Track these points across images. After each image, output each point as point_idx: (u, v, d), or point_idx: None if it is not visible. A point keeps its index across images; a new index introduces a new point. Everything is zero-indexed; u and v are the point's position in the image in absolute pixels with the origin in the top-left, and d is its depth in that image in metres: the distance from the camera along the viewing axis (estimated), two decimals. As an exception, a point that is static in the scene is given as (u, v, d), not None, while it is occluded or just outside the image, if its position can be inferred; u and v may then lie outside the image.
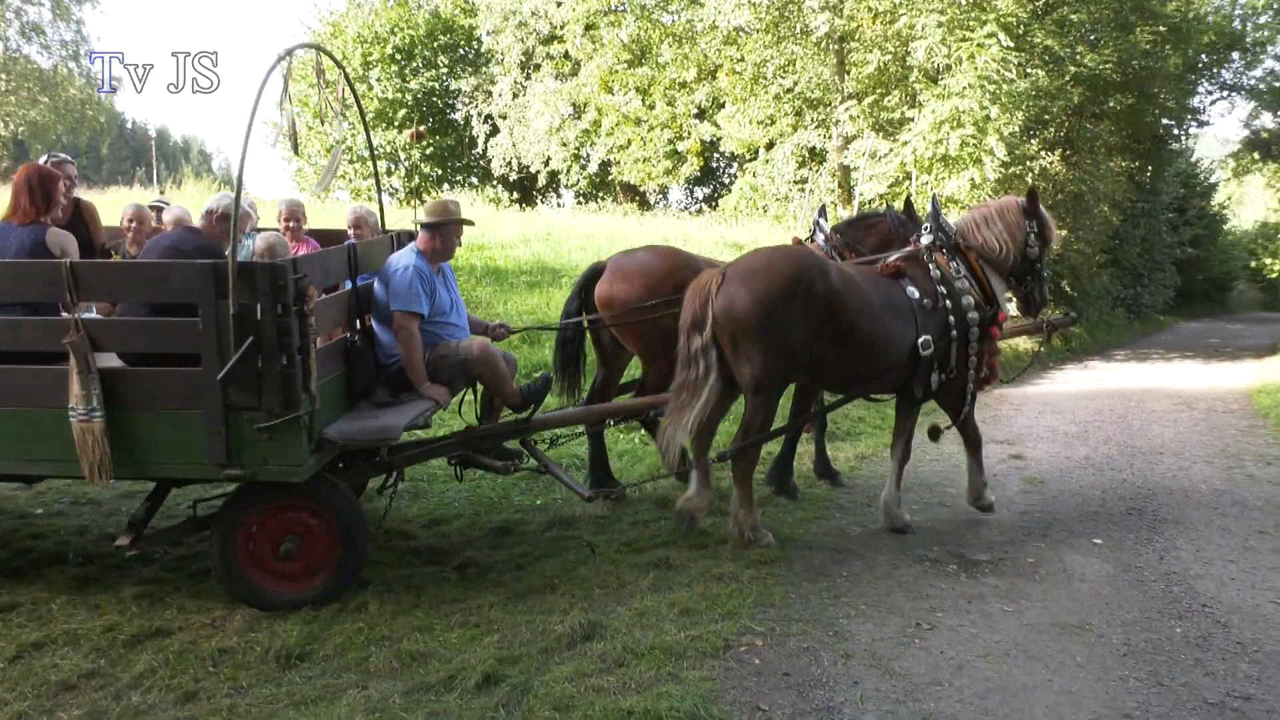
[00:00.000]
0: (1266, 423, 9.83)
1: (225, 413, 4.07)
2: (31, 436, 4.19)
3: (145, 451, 4.20)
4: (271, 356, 4.04)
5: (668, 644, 3.89)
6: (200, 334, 4.05)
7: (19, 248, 4.38)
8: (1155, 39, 16.51)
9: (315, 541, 4.42)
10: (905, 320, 5.23)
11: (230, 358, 3.97)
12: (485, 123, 25.77)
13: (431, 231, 5.08)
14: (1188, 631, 4.25)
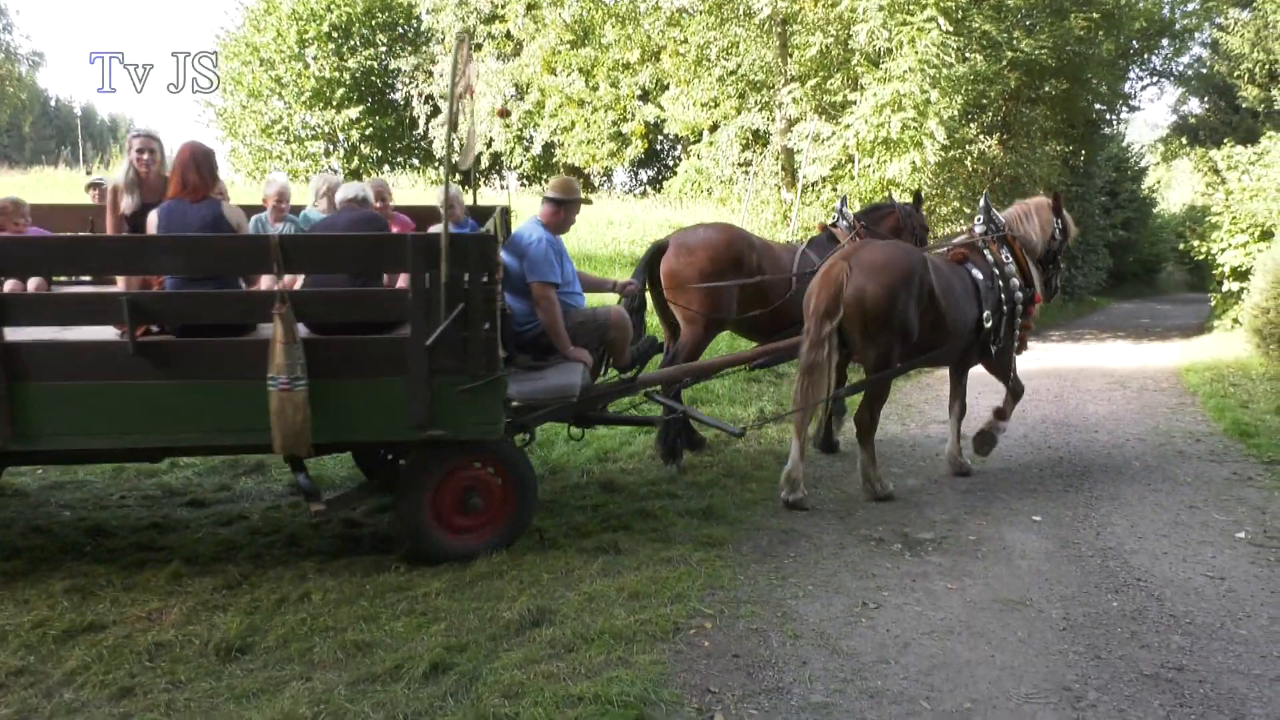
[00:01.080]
0: (1195, 400, 10.15)
1: (429, 377, 4.32)
2: (226, 409, 4.27)
3: (344, 417, 4.37)
4: (477, 322, 4.34)
5: (617, 628, 3.87)
6: (410, 303, 4.29)
7: (201, 223, 4.45)
8: (1089, 25, 16.84)
9: (493, 496, 4.79)
10: (973, 299, 6.14)
11: (438, 325, 4.26)
12: (426, 103, 25.36)
13: (557, 206, 5.37)
14: (1123, 605, 4.36)
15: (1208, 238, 17.94)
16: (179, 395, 4.25)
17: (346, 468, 6.35)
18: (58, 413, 4.18)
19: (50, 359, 4.18)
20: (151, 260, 4.32)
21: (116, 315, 4.16)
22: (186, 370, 4.25)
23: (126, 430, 4.28)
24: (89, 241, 4.73)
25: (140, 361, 4.17)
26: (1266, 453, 7.40)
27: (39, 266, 4.67)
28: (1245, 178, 16.32)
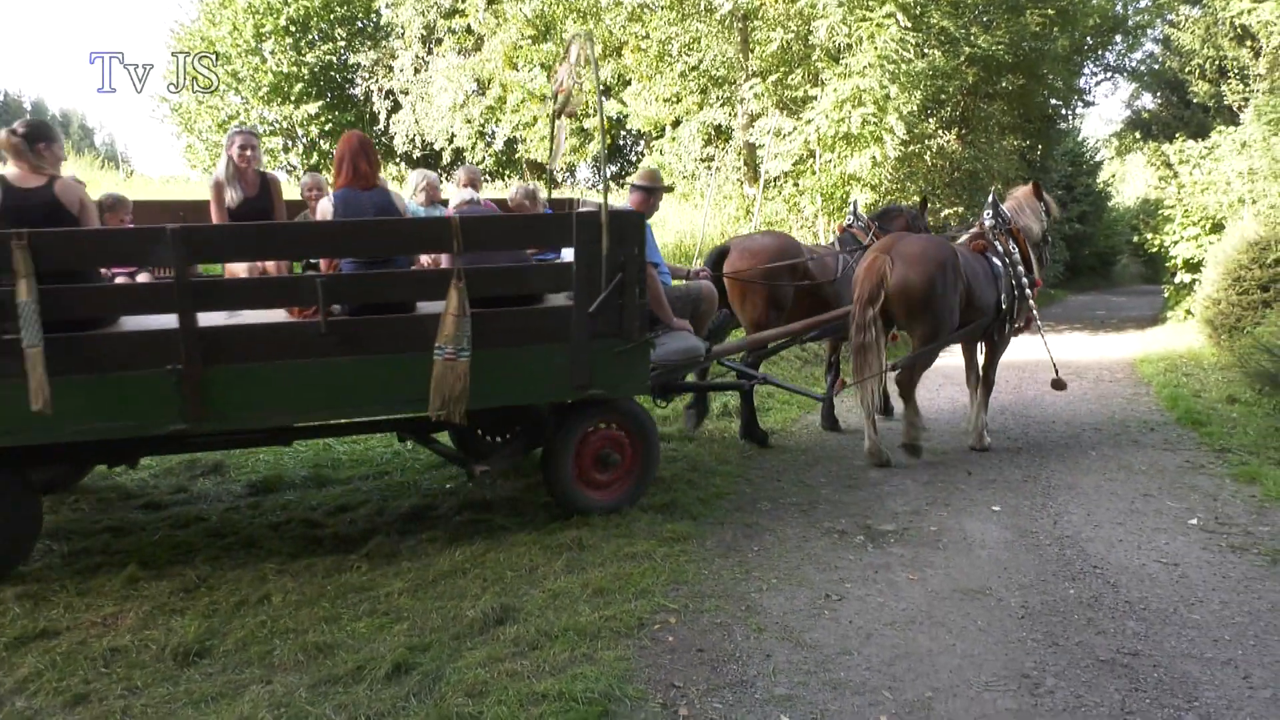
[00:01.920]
0: (1149, 390, 10.35)
1: (590, 341, 4.82)
2: (394, 380, 4.57)
3: (510, 383, 4.77)
4: (632, 290, 4.86)
5: (581, 625, 3.87)
6: (573, 275, 4.73)
7: (376, 209, 4.80)
8: (1044, 22, 17.09)
9: (625, 453, 5.31)
10: (993, 285, 6.99)
11: (599, 294, 4.78)
12: (386, 98, 25.11)
13: (646, 193, 5.95)
14: (1080, 592, 4.44)
15: (1161, 231, 18.29)
16: (360, 370, 4.51)
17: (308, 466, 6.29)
18: (245, 393, 4.36)
19: (242, 341, 4.37)
20: (343, 243, 4.60)
21: (310, 297, 4.38)
22: (367, 346, 4.51)
23: (310, 407, 4.58)
24: (281, 228, 4.95)
25: (328, 340, 4.42)
26: (1218, 441, 7.57)
27: (235, 252, 4.73)
28: (1196, 172, 16.66)
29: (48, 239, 4.01)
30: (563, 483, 5.18)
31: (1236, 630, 4.02)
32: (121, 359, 4.19)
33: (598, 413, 5.19)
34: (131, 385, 4.21)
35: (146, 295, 4.57)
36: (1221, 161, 15.59)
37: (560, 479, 5.17)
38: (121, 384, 4.19)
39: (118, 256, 4.64)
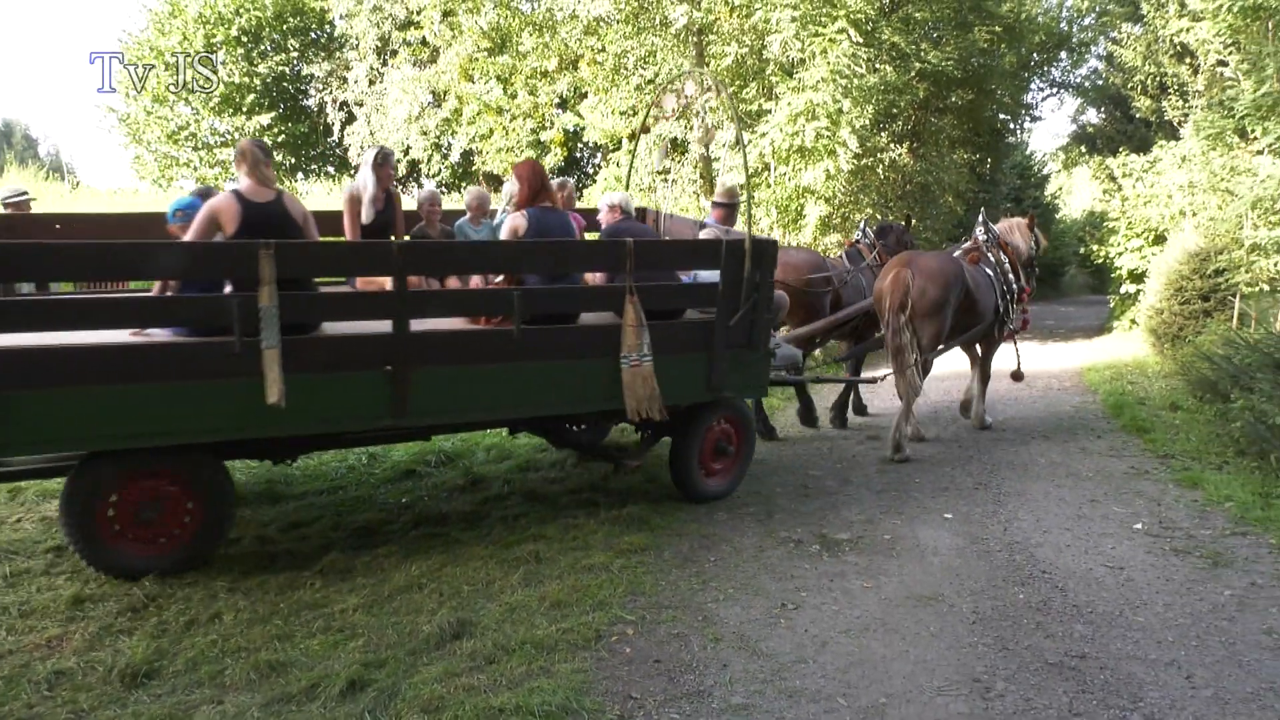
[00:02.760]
0: (1096, 398, 10.58)
1: (727, 350, 5.56)
2: (582, 383, 5.21)
3: (667, 385, 5.34)
4: (763, 308, 5.63)
5: (539, 638, 3.86)
6: (719, 293, 5.46)
7: (562, 229, 5.40)
8: (992, 38, 17.45)
9: (734, 444, 6.08)
10: (991, 291, 8.09)
11: (737, 311, 5.52)
12: (341, 110, 24.89)
13: (728, 210, 6.90)
14: (1029, 597, 4.52)
15: (1106, 242, 18.73)
16: (541, 374, 5.09)
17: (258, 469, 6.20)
18: (445, 393, 4.87)
19: (445, 346, 4.89)
20: (540, 261, 5.22)
21: (507, 308, 4.91)
22: (549, 352, 5.09)
23: (498, 406, 5.12)
24: (488, 247, 5.52)
25: (518, 347, 4.94)
26: (1161, 447, 7.77)
27: (448, 267, 5.40)
28: (1139, 185, 17.08)
29: (287, 249, 4.35)
30: (691, 472, 5.90)
31: (1179, 631, 4.13)
32: (344, 360, 4.63)
33: (718, 410, 5.93)
34: (350, 384, 4.65)
35: (369, 303, 4.94)
36: (1163, 175, 16.00)
37: (689, 468, 5.88)
38: (342, 382, 4.63)
39: (343, 266, 5.11)
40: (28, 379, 4.02)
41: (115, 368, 4.18)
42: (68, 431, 4.16)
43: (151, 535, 4.54)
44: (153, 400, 4.25)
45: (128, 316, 4.46)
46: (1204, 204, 13.65)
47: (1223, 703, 3.50)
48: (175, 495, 4.56)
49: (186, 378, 4.30)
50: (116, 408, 4.18)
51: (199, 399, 4.33)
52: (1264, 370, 7.65)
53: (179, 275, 4.46)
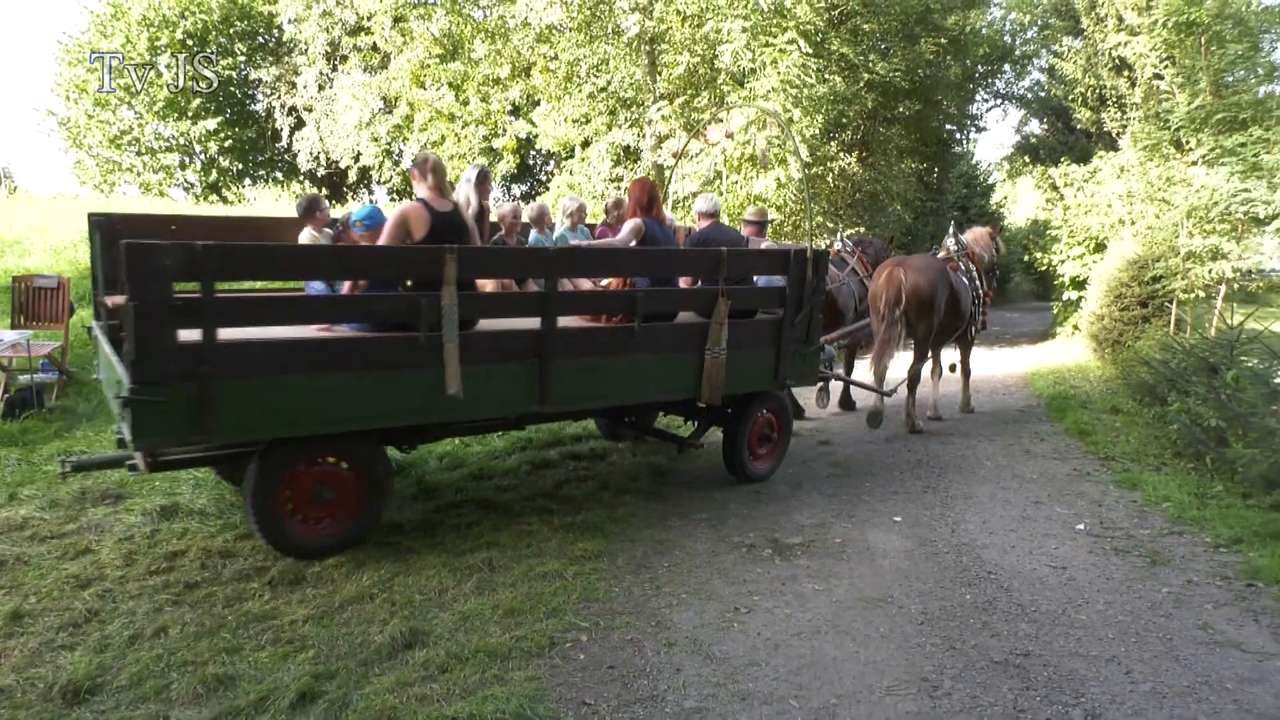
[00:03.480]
0: (1040, 402, 10.82)
1: (789, 346, 6.41)
2: (675, 373, 5.89)
3: (742, 375, 6.19)
4: (816, 309, 6.57)
5: (492, 646, 3.85)
6: (787, 295, 6.32)
7: (667, 239, 6.31)
8: (938, 50, 17.78)
9: (776, 432, 6.90)
10: (967, 294, 9.08)
11: (798, 312, 6.42)
12: (289, 115, 24.58)
13: (759, 227, 7.84)
14: (976, 597, 4.62)
15: (1049, 250, 19.16)
16: (651, 365, 5.74)
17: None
18: (577, 382, 5.42)
19: (580, 341, 5.45)
20: (657, 266, 6.04)
21: (629, 308, 5.57)
22: (657, 346, 5.75)
23: (616, 393, 5.74)
24: (616, 254, 5.98)
25: (636, 341, 5.59)
26: (1102, 449, 7.97)
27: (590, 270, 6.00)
28: (1080, 194, 17.51)
29: (465, 253, 4.83)
30: (742, 456, 6.67)
31: (1119, 628, 4.25)
32: (503, 353, 5.15)
33: (765, 401, 6.69)
34: (506, 374, 5.16)
35: (525, 302, 5.42)
36: (1102, 185, 16.43)
37: (740, 453, 6.64)
38: (500, 373, 5.13)
39: (508, 270, 5.74)
40: (242, 368, 4.38)
41: (319, 359, 4.59)
42: (271, 417, 4.50)
43: (323, 516, 4.96)
44: (347, 389, 4.66)
45: (329, 313, 5.01)
46: (1142, 213, 14.04)
47: (1160, 696, 3.61)
48: (345, 479, 5.00)
49: (377, 369, 4.73)
50: (317, 396, 4.58)
51: (385, 388, 4.76)
52: (1199, 374, 7.89)
53: (386, 275, 4.88)
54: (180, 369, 4.22)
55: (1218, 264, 11.13)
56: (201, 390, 4.26)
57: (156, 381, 4.18)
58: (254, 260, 4.66)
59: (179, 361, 4.22)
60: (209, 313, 4.27)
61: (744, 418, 6.62)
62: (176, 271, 4.19)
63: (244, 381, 4.38)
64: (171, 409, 4.22)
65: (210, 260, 4.25)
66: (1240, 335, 7.59)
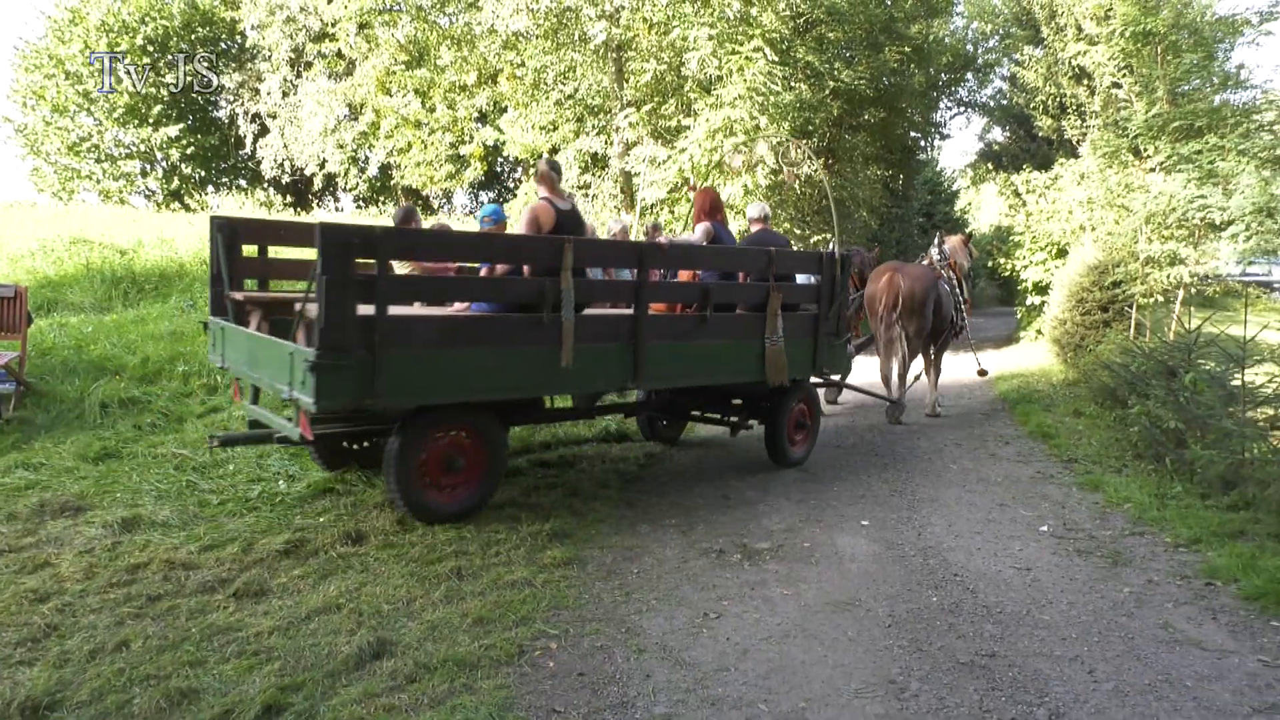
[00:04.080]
0: (1005, 406, 10.95)
1: (824, 337, 7.37)
2: (740, 358, 6.77)
3: (791, 363, 7.07)
4: (844, 305, 7.55)
5: (461, 655, 3.83)
6: (820, 292, 7.31)
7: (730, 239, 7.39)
8: (902, 58, 18.01)
9: (808, 420, 7.79)
10: (951, 300, 10.01)
11: (829, 308, 7.37)
12: (253, 122, 24.33)
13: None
14: (942, 600, 4.66)
15: (1012, 256, 19.43)
16: (715, 349, 6.57)
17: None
18: (661, 362, 6.17)
19: (665, 325, 6.23)
20: (729, 261, 6.96)
21: (698, 298, 6.50)
22: (724, 333, 6.59)
23: (691, 373, 6.53)
24: (699, 249, 6.78)
25: (710, 327, 6.44)
26: (1065, 452, 8.09)
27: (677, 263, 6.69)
28: (1042, 201, 17.79)
29: (580, 244, 5.60)
30: (782, 442, 7.43)
31: (1082, 628, 4.31)
32: (605, 333, 5.89)
33: (798, 394, 7.52)
34: (608, 353, 5.90)
35: (624, 290, 6.41)
36: (1063, 191, 16.70)
37: (781, 440, 7.42)
38: (602, 352, 5.86)
39: (611, 259, 6.67)
40: (404, 340, 4.99)
41: (462, 335, 5.27)
42: (425, 385, 5.15)
43: (454, 484, 5.64)
44: (484, 362, 5.32)
45: (476, 294, 5.80)
46: (1102, 219, 14.28)
47: (1122, 695, 3.67)
48: (470, 449, 5.65)
49: (507, 344, 5.39)
50: (459, 368, 5.23)
51: (513, 362, 5.43)
52: (1158, 377, 8.04)
53: (527, 261, 5.65)
54: (358, 338, 4.83)
55: (1175, 269, 11.34)
56: (374, 358, 4.86)
57: (339, 349, 4.77)
58: (421, 244, 5.77)
59: (357, 332, 4.83)
60: (382, 290, 4.89)
61: (782, 409, 7.42)
62: (360, 251, 4.86)
63: (404, 352, 5.00)
64: (349, 374, 4.81)
65: (387, 242, 5.07)
66: (1198, 339, 7.74)
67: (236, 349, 5.91)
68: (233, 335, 5.97)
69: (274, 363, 5.23)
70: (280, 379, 5.11)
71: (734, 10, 13.70)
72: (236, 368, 5.95)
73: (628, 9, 14.65)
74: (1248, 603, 4.65)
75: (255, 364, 5.61)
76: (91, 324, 9.43)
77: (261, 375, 5.51)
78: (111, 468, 6.61)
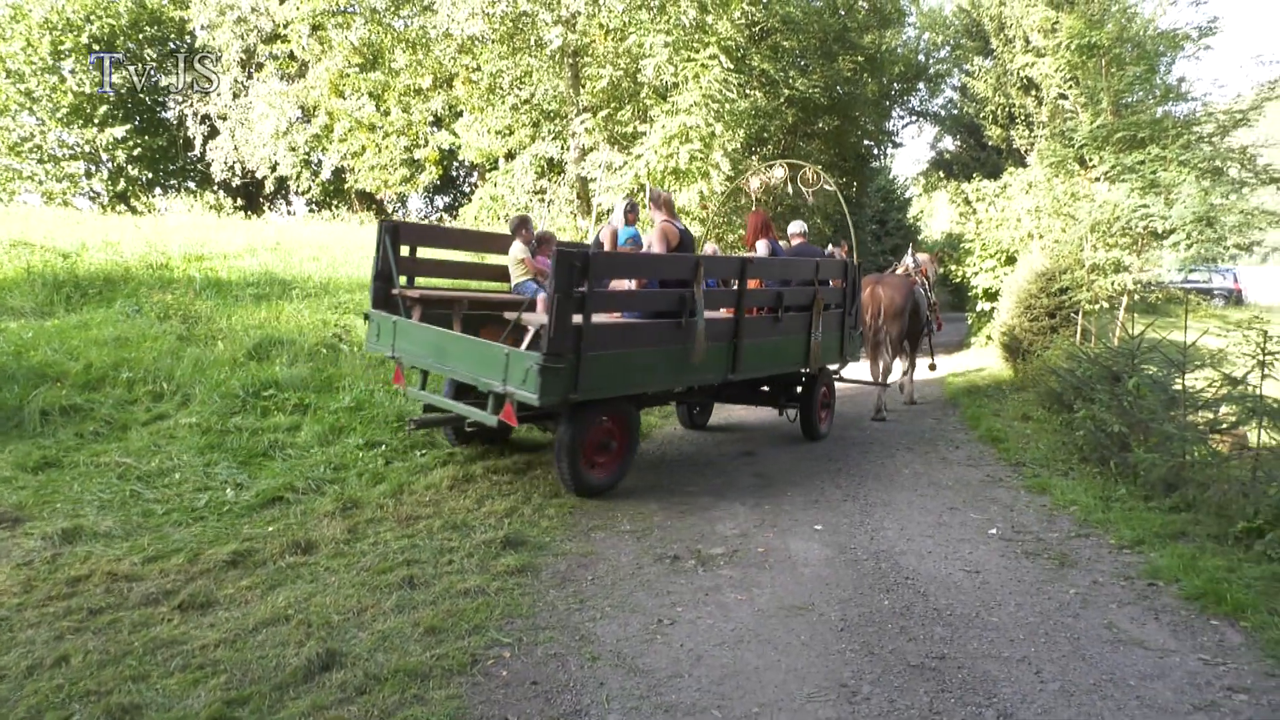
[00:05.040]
0: (957, 410, 11.11)
1: (848, 331, 9.07)
2: (795, 350, 8.23)
3: (824, 354, 8.63)
4: (858, 303, 9.22)
5: (412, 665, 3.79)
6: (844, 294, 8.97)
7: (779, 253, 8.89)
8: (855, 68, 18.25)
9: (830, 400, 9.39)
10: (924, 303, 11.41)
11: (851, 306, 9.10)
12: (202, 123, 23.88)
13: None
14: (894, 603, 4.71)
15: (963, 263, 19.74)
16: (780, 344, 7.99)
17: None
18: (749, 356, 7.52)
19: (754, 326, 7.56)
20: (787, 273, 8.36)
21: (773, 302, 7.87)
22: (791, 330, 8.08)
23: (765, 366, 7.94)
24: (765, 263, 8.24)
25: (778, 326, 7.88)
26: (1014, 456, 8.23)
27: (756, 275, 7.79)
28: (991, 209, 18.11)
29: (705, 260, 6.91)
30: (814, 420, 8.98)
31: (1029, 629, 4.38)
32: (718, 334, 7.14)
33: (823, 380, 9.09)
34: (718, 350, 7.18)
35: (726, 298, 7.44)
36: (1012, 200, 17.03)
37: (813, 418, 8.97)
38: (715, 349, 7.10)
39: (721, 271, 7.60)
40: (598, 344, 6.07)
41: (632, 338, 6.45)
42: (607, 380, 6.24)
43: (604, 461, 6.71)
44: (644, 360, 6.50)
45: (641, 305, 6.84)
46: (1049, 227, 14.58)
47: (1069, 694, 3.73)
48: (618, 432, 6.74)
49: (658, 345, 6.60)
50: (628, 364, 6.38)
51: (662, 359, 6.64)
52: (1102, 382, 8.21)
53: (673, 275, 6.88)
54: (571, 343, 5.82)
55: (1120, 276, 11.61)
56: (578, 360, 5.88)
57: (560, 353, 5.75)
58: (617, 265, 6.82)
59: (572, 338, 5.81)
60: (590, 302, 5.90)
61: (813, 393, 8.91)
62: (580, 271, 5.78)
63: (598, 354, 6.06)
64: (564, 375, 5.82)
65: (599, 264, 6.05)
66: (1141, 344, 7.92)
67: (415, 342, 6.72)
68: (411, 329, 6.78)
69: (480, 360, 6.15)
70: (490, 375, 6.02)
71: (690, 18, 13.78)
72: (414, 359, 6.78)
73: (584, 15, 14.66)
74: (1188, 602, 4.76)
75: (445, 358, 6.47)
76: (32, 329, 9.18)
77: (456, 368, 6.40)
78: (52, 477, 6.43)
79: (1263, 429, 6.25)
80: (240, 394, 8.03)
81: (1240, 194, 10.70)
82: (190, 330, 9.76)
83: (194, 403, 7.93)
